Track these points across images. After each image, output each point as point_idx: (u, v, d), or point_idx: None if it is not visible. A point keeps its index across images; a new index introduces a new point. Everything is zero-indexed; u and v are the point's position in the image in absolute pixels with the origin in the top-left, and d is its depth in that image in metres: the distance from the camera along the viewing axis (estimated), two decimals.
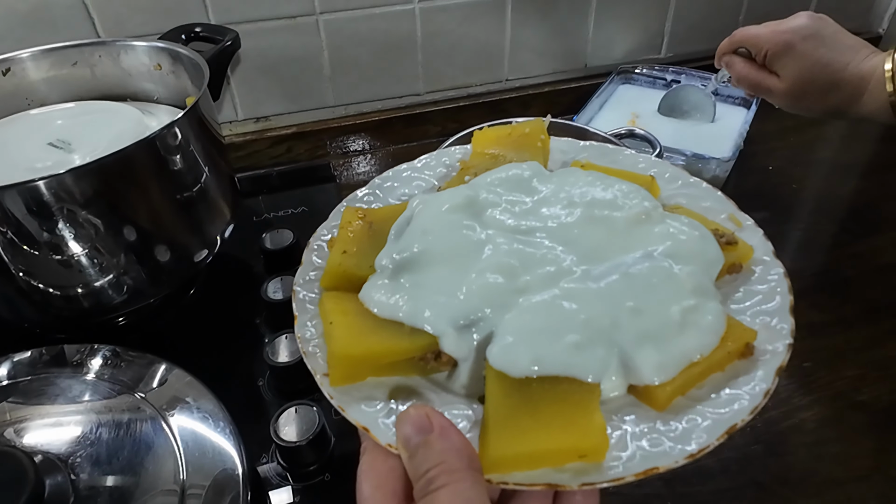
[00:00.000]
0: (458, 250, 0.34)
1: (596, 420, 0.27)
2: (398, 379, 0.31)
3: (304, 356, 0.32)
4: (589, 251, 0.34)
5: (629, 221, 0.35)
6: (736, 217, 0.37)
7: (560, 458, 0.26)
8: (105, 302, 0.53)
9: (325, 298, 0.34)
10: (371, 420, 0.29)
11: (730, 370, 0.30)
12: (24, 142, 0.54)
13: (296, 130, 0.81)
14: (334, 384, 0.30)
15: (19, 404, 0.46)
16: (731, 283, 0.34)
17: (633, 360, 0.29)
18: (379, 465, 0.28)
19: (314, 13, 0.73)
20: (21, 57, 0.59)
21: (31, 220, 0.46)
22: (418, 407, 0.28)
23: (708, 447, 0.27)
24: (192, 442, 0.43)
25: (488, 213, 0.36)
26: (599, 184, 0.37)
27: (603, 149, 0.43)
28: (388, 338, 0.31)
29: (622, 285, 0.31)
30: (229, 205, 0.59)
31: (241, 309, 0.61)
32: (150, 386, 0.47)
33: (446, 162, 0.44)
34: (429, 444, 0.26)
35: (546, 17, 0.82)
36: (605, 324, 0.30)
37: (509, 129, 0.44)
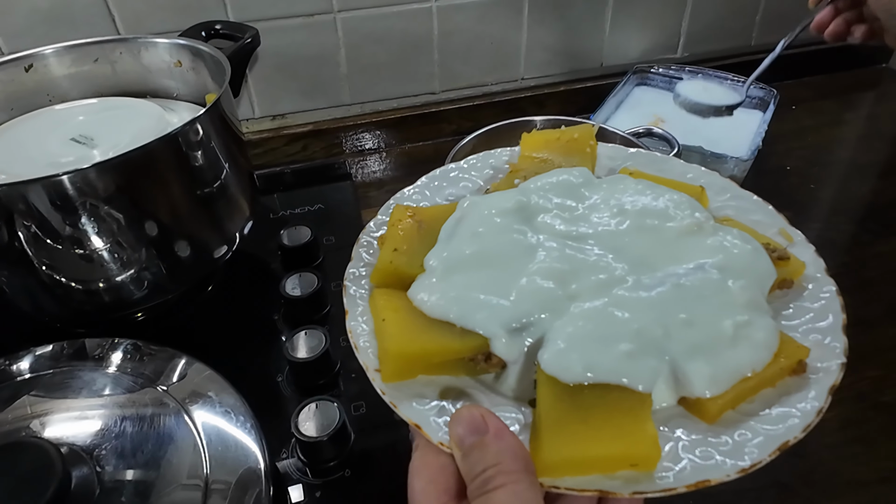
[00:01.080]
0: (509, 253, 0.34)
1: (648, 430, 0.27)
2: (448, 378, 0.31)
3: (355, 350, 0.32)
4: (640, 260, 0.34)
5: (681, 232, 0.35)
6: (787, 232, 0.37)
7: (612, 465, 0.27)
8: (126, 297, 0.53)
9: (377, 295, 0.34)
10: (423, 418, 0.29)
11: (781, 386, 0.30)
12: (47, 137, 0.54)
13: (312, 128, 0.81)
14: (386, 380, 0.30)
15: (42, 397, 0.46)
16: (781, 298, 0.34)
17: (685, 372, 0.29)
18: (431, 462, 0.28)
19: (332, 11, 0.73)
20: (44, 53, 0.60)
21: (54, 214, 0.46)
22: (472, 407, 0.28)
23: (760, 462, 0.27)
24: (214, 436, 0.43)
25: (539, 218, 0.36)
26: (650, 193, 0.37)
27: (650, 157, 0.43)
28: (440, 337, 0.31)
29: (674, 296, 0.31)
30: (248, 201, 0.60)
31: (259, 305, 0.62)
32: (171, 380, 0.47)
33: (493, 164, 0.44)
34: (484, 445, 0.26)
35: (562, 16, 0.82)
36: (657, 334, 0.30)
37: (558, 134, 0.44)
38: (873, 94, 0.94)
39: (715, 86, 0.81)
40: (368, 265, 0.37)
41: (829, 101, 0.91)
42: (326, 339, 0.52)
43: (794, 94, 0.88)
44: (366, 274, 0.36)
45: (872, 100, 0.94)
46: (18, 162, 0.51)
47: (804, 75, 0.94)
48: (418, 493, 0.28)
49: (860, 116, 0.91)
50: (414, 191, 0.42)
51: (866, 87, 0.95)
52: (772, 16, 0.90)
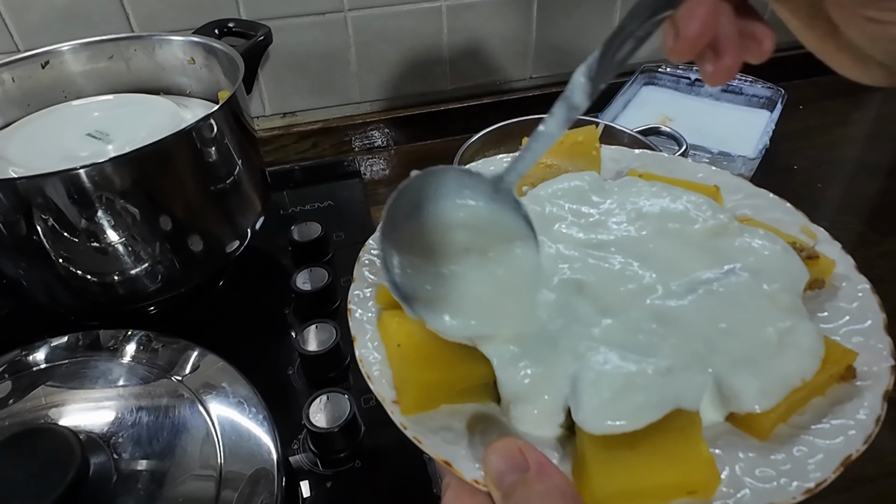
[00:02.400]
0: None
1: (703, 452, 0.25)
2: (474, 406, 0.29)
3: (368, 381, 0.30)
4: (667, 267, 0.32)
5: (705, 235, 0.33)
6: (809, 229, 0.35)
7: (667, 494, 0.25)
8: (140, 289, 0.54)
9: (387, 318, 0.31)
10: (452, 454, 0.27)
11: (831, 394, 0.28)
12: (63, 132, 0.55)
13: (322, 126, 0.82)
14: (406, 413, 0.28)
15: (59, 387, 0.47)
16: (814, 300, 0.32)
17: (732, 386, 0.27)
18: (466, 502, 0.26)
19: (342, 10, 0.74)
20: (60, 50, 0.61)
21: (71, 207, 0.47)
22: (508, 441, 0.26)
23: (825, 481, 0.25)
24: (228, 427, 0.44)
25: (556, 227, 0.35)
26: (666, 195, 0.35)
27: (657, 157, 0.42)
28: (462, 361, 0.28)
29: (709, 304, 0.29)
30: (260, 197, 0.60)
31: (270, 300, 0.62)
32: (185, 371, 0.48)
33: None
34: (527, 484, 0.24)
35: (571, 15, 0.82)
36: (698, 347, 0.28)
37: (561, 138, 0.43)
38: (880, 94, 0.94)
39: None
40: (372, 285, 0.34)
41: (837, 101, 0.91)
42: (337, 332, 0.53)
43: (801, 94, 0.88)
44: (371, 295, 0.33)
45: (880, 99, 0.94)
46: (36, 156, 0.52)
47: (811, 75, 0.94)
48: None
49: (867, 116, 0.91)
50: None
51: (873, 87, 0.95)
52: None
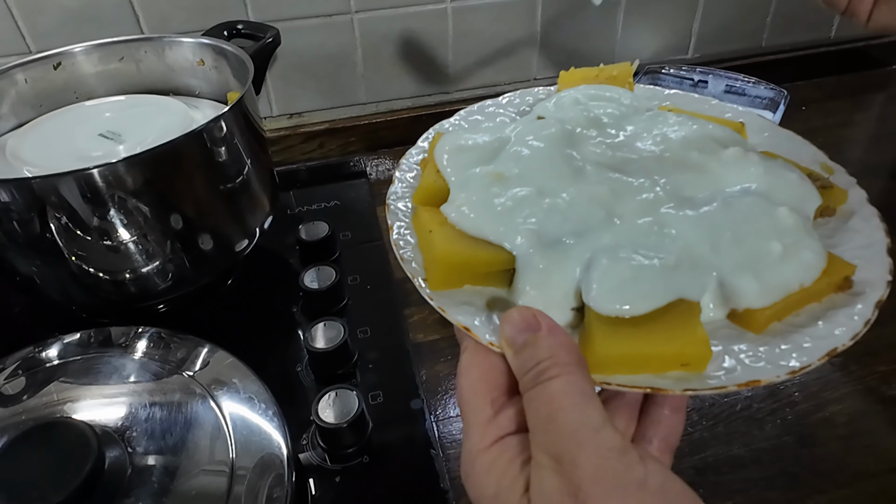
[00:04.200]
0: (553, 175, 0.34)
1: (699, 332, 0.28)
2: (493, 290, 0.32)
3: (400, 262, 0.33)
4: (685, 184, 0.34)
5: (726, 159, 0.35)
6: (828, 164, 0.37)
7: (662, 364, 0.27)
8: (151, 287, 0.55)
9: (421, 211, 0.34)
10: (470, 321, 0.30)
11: (826, 302, 0.30)
12: (76, 132, 0.56)
13: (328, 127, 0.83)
14: (433, 288, 0.31)
15: (72, 383, 0.47)
16: (824, 225, 0.34)
17: (734, 286, 0.29)
18: (480, 361, 0.29)
19: (349, 12, 0.75)
20: (72, 52, 0.62)
21: (84, 206, 0.48)
22: (524, 308, 0.28)
23: (809, 366, 0.27)
24: (239, 422, 0.45)
25: (583, 144, 0.37)
26: (692, 124, 0.37)
27: (688, 97, 0.44)
28: (487, 246, 0.31)
29: (721, 216, 0.32)
30: (269, 197, 0.61)
31: (278, 298, 0.63)
32: (196, 367, 0.48)
33: (529, 101, 0.44)
34: (537, 340, 0.27)
35: (575, 17, 0.83)
36: (705, 250, 0.30)
37: (596, 72, 0.44)
38: (883, 96, 0.95)
39: None
40: (409, 187, 0.37)
41: (839, 102, 0.92)
42: (345, 330, 0.54)
43: (804, 95, 0.88)
44: (407, 195, 0.37)
45: (883, 101, 0.94)
46: (48, 156, 0.53)
47: (814, 76, 0.95)
48: (467, 391, 0.28)
49: (870, 118, 0.92)
50: (452, 123, 0.43)
51: (877, 88, 0.96)
52: (783, 18, 0.91)
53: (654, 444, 0.29)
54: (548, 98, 0.43)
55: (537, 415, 0.25)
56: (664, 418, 0.30)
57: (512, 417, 0.27)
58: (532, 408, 0.26)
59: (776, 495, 0.45)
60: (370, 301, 0.62)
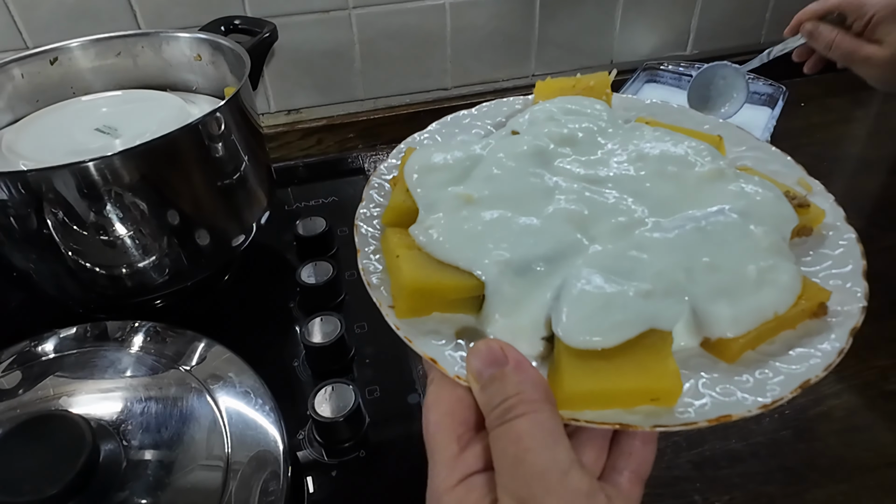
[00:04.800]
0: (526, 195, 0.33)
1: (670, 365, 0.27)
2: (463, 317, 0.31)
3: (368, 287, 0.32)
4: (660, 204, 0.33)
5: (701, 178, 0.34)
6: (805, 181, 0.37)
7: (632, 399, 0.27)
8: (147, 282, 0.54)
9: (389, 233, 0.33)
10: (438, 352, 0.29)
11: (801, 328, 0.30)
12: (72, 127, 0.56)
13: (326, 123, 0.82)
14: (400, 316, 0.30)
15: (68, 377, 0.47)
16: (800, 245, 0.34)
17: (707, 314, 0.29)
18: (447, 396, 0.28)
19: (347, 7, 0.75)
20: (69, 47, 0.62)
21: (80, 200, 0.47)
22: (491, 341, 0.28)
23: (781, 399, 0.27)
24: (235, 417, 0.44)
25: (556, 162, 0.36)
26: (669, 139, 0.37)
27: (666, 108, 0.43)
28: (455, 273, 0.31)
29: (696, 239, 0.31)
30: (266, 192, 0.61)
31: (275, 293, 0.63)
32: (192, 361, 0.48)
33: (505, 111, 0.44)
34: (504, 376, 0.26)
35: (574, 13, 0.83)
36: (679, 276, 0.30)
37: (573, 82, 0.43)
38: (881, 93, 0.95)
39: None
40: (380, 206, 0.37)
41: (838, 99, 0.92)
42: (342, 325, 0.54)
43: (803, 92, 0.88)
44: (377, 215, 0.36)
45: (881, 97, 0.94)
46: (46, 150, 0.53)
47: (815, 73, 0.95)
48: (433, 426, 0.28)
49: (869, 114, 0.92)
50: (425, 136, 0.42)
51: None
52: (781, 14, 0.91)
53: (625, 476, 0.28)
54: (522, 111, 0.42)
55: (504, 455, 0.25)
56: (635, 449, 0.29)
57: (478, 455, 0.27)
58: (498, 447, 0.25)
59: (774, 490, 0.45)
60: (367, 296, 0.60)
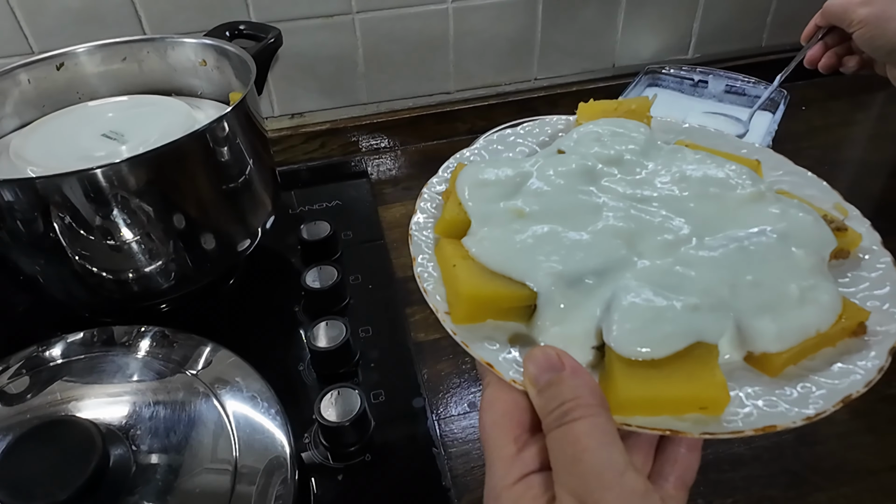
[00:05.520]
0: (574, 211, 0.35)
1: (717, 376, 0.28)
2: (515, 325, 0.32)
3: (424, 294, 0.33)
4: (703, 223, 0.35)
5: (742, 200, 0.36)
6: (842, 206, 0.38)
7: (681, 406, 0.28)
8: (153, 287, 0.55)
9: (445, 243, 0.35)
10: (493, 357, 0.30)
11: (841, 346, 0.31)
12: (79, 133, 0.56)
13: (329, 127, 0.83)
14: (457, 322, 0.32)
15: (76, 382, 0.48)
16: (838, 267, 0.35)
17: (751, 329, 0.30)
18: (503, 398, 0.30)
19: (351, 12, 0.75)
20: (76, 52, 0.62)
21: (88, 206, 0.48)
22: (547, 347, 0.29)
23: (824, 412, 0.28)
24: (243, 421, 0.45)
25: (604, 181, 0.38)
26: (710, 162, 0.38)
27: (704, 131, 0.44)
28: (510, 283, 0.32)
29: (739, 258, 0.32)
30: (271, 196, 0.61)
31: (280, 297, 0.63)
32: (199, 366, 0.49)
33: (548, 131, 0.45)
34: (561, 381, 0.27)
35: (576, 17, 0.83)
36: (724, 292, 0.31)
37: (616, 104, 0.45)
38: (883, 95, 0.95)
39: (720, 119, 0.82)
40: (431, 217, 0.38)
41: (839, 102, 0.92)
42: (347, 329, 0.54)
43: (804, 95, 0.89)
44: (429, 225, 0.38)
45: (883, 100, 0.94)
46: (52, 156, 0.53)
47: (814, 76, 0.95)
48: (490, 427, 0.29)
49: (870, 117, 0.92)
50: (472, 152, 0.43)
51: (876, 87, 0.96)
52: (783, 17, 0.91)
53: (671, 482, 0.30)
54: (568, 131, 0.44)
55: (562, 455, 0.26)
56: (681, 457, 0.30)
57: (535, 455, 0.28)
58: (557, 448, 0.27)
59: (777, 493, 0.45)
60: (372, 300, 0.62)
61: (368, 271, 0.65)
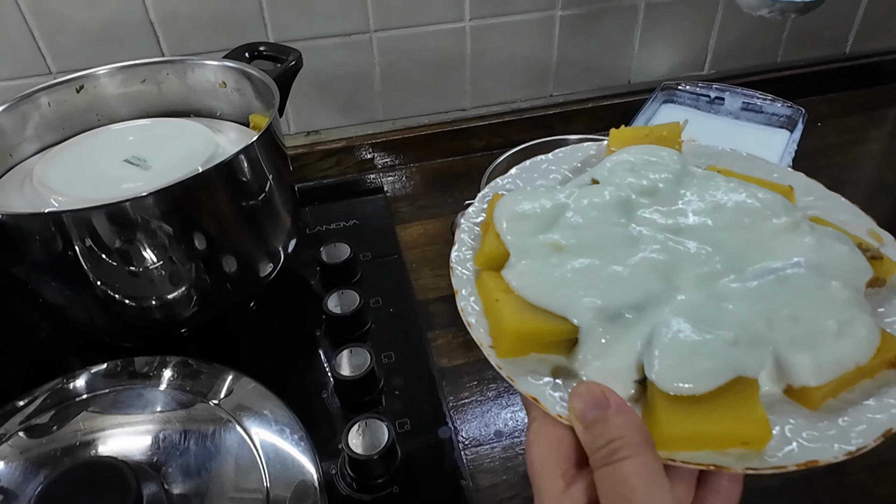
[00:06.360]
0: (611, 244, 0.35)
1: (759, 411, 0.28)
2: (557, 357, 0.33)
3: (468, 327, 0.34)
4: (738, 255, 0.35)
5: (777, 230, 0.36)
6: (876, 232, 0.38)
7: (724, 442, 0.28)
8: (176, 314, 0.55)
9: (486, 277, 0.35)
10: (539, 391, 0.31)
11: (879, 378, 0.31)
12: (102, 158, 0.56)
13: (345, 144, 0.82)
14: (501, 356, 0.32)
15: (101, 414, 0.48)
16: (873, 296, 0.35)
17: (790, 363, 0.30)
18: (549, 433, 0.30)
19: (368, 31, 0.75)
20: (95, 74, 0.62)
21: (114, 237, 0.48)
22: (591, 384, 0.30)
23: (865, 447, 0.28)
24: (271, 452, 0.45)
25: (639, 212, 0.38)
26: (743, 191, 0.38)
27: (735, 155, 0.45)
28: (552, 317, 0.32)
29: (775, 290, 0.32)
30: (292, 220, 0.61)
31: (301, 321, 0.63)
32: (225, 396, 0.49)
33: (580, 156, 0.45)
34: (607, 419, 0.28)
35: (593, 34, 0.83)
36: (762, 326, 0.31)
37: (647, 131, 0.45)
38: None
39: None
40: (471, 249, 0.39)
41: (854, 118, 0.92)
42: (371, 357, 0.54)
43: (819, 111, 0.88)
44: (469, 257, 0.38)
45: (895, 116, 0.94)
46: (76, 183, 0.53)
47: (829, 91, 0.95)
48: (539, 462, 0.30)
49: (883, 134, 0.92)
50: (507, 181, 0.43)
51: (891, 103, 0.96)
52: (798, 34, 0.91)
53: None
54: (600, 158, 0.44)
55: (611, 493, 0.27)
56: (723, 488, 0.30)
57: (583, 490, 0.28)
58: (605, 486, 0.27)
59: None
60: (393, 324, 0.62)
61: (388, 293, 0.65)
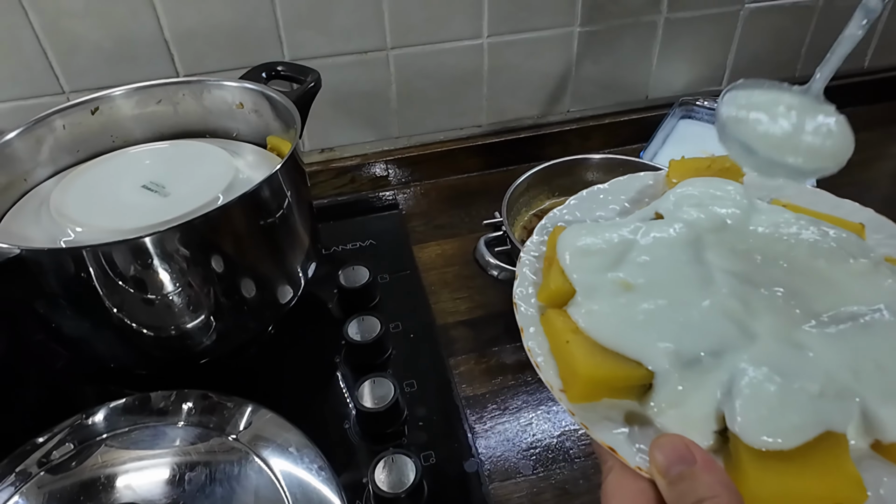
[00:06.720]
0: (681, 284, 0.34)
1: (850, 470, 0.27)
2: (630, 403, 0.32)
3: (536, 368, 0.33)
4: (815, 299, 0.33)
5: (854, 272, 0.34)
6: None
7: (815, 501, 0.27)
8: (196, 344, 0.54)
9: (552, 316, 0.34)
10: (617, 441, 0.29)
11: None
12: (119, 185, 0.55)
13: (360, 161, 0.81)
14: (573, 401, 0.31)
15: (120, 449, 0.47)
16: None
17: (878, 418, 0.29)
18: (628, 485, 0.29)
19: (385, 48, 0.74)
20: (111, 96, 0.61)
21: (134, 270, 0.47)
22: (674, 436, 0.29)
23: None
24: (296, 487, 0.44)
25: (708, 251, 0.36)
26: (814, 229, 0.37)
27: (800, 189, 0.43)
28: (626, 361, 0.31)
29: (858, 338, 0.31)
30: (313, 244, 0.60)
31: (320, 347, 0.62)
32: (241, 427, 0.48)
33: (637, 186, 0.44)
34: (695, 476, 0.27)
35: (611, 50, 0.82)
36: (848, 376, 0.30)
37: (709, 162, 0.43)
38: None
39: None
40: (533, 284, 0.37)
41: (873, 133, 0.91)
42: (395, 389, 0.53)
43: None
44: (531, 293, 0.37)
45: None
46: (93, 213, 0.52)
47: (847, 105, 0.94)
48: None
49: None
50: (565, 212, 0.42)
51: None
52: (817, 48, 0.90)
53: None
54: (657, 188, 0.43)
55: None
56: None
57: None
58: None
59: None
60: (414, 351, 0.61)
61: (408, 318, 0.64)
